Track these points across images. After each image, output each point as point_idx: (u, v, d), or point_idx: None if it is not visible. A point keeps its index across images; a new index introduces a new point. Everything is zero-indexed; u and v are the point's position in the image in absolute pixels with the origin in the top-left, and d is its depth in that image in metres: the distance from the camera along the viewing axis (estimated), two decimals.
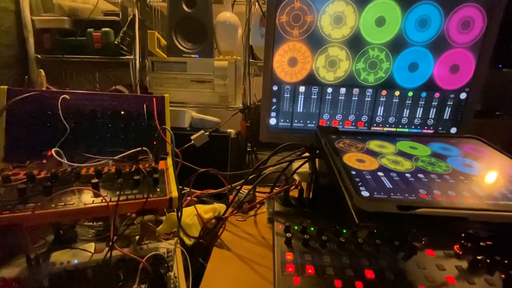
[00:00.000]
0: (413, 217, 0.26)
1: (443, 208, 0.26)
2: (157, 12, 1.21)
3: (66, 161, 0.54)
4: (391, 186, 0.30)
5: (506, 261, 0.38)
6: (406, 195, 0.29)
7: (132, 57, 1.02)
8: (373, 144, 0.41)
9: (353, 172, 0.32)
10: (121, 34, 0.97)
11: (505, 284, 0.35)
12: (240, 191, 0.65)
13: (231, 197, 0.63)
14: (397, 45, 0.55)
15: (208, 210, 0.64)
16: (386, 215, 0.26)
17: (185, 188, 0.71)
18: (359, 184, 0.30)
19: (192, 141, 0.87)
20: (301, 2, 0.53)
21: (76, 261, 0.49)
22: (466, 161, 0.36)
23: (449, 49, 0.55)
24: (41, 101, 0.57)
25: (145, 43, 0.98)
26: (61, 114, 0.56)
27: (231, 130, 0.97)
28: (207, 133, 0.88)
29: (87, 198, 0.47)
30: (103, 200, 0.47)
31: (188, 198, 0.69)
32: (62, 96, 0.57)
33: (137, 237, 0.59)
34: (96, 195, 0.48)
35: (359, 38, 0.55)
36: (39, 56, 1.14)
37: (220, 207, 0.65)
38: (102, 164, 0.58)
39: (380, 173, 0.33)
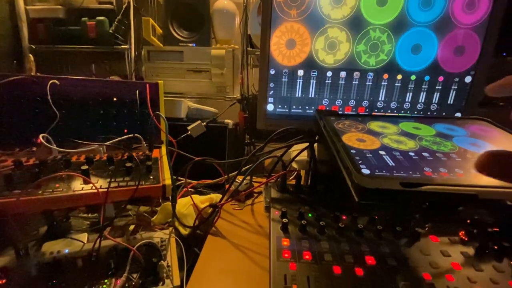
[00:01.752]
0: (418, 196, 0.24)
1: (450, 186, 0.24)
2: (153, 0, 1.18)
3: (55, 147, 0.53)
4: (394, 164, 0.28)
5: None
6: (410, 172, 0.27)
7: (127, 46, 1.00)
8: (374, 125, 0.39)
9: (353, 151, 0.30)
10: (115, 23, 0.94)
11: None
12: (238, 181, 0.63)
13: (227, 186, 0.61)
14: (399, 26, 0.52)
15: (205, 201, 0.62)
16: (389, 193, 0.24)
17: (181, 178, 0.69)
18: (360, 162, 0.28)
19: (189, 132, 0.85)
20: None
21: (67, 250, 0.48)
22: (474, 140, 0.34)
23: (454, 29, 0.52)
24: (30, 87, 0.55)
25: (141, 32, 0.96)
26: (50, 100, 0.54)
27: (229, 121, 0.95)
28: (204, 123, 0.86)
29: (77, 185, 0.46)
30: (93, 187, 0.45)
31: (184, 188, 0.67)
32: (51, 81, 0.55)
33: (131, 227, 0.58)
34: (86, 182, 0.46)
35: (359, 18, 0.52)
36: (33, 46, 1.12)
37: (216, 197, 0.63)
38: (93, 151, 0.56)
39: (382, 152, 0.31)
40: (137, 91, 0.61)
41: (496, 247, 0.35)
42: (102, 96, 0.60)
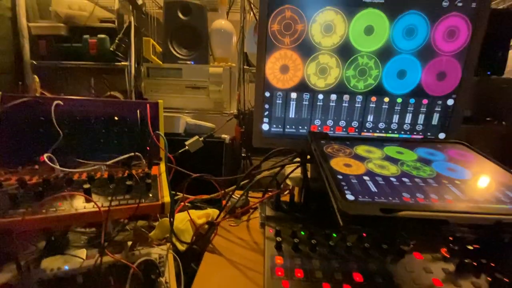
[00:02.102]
0: (396, 220, 0.27)
1: (424, 211, 0.27)
2: (153, 20, 1.22)
3: (58, 167, 0.55)
4: (376, 190, 0.31)
5: (492, 264, 0.39)
6: (390, 198, 0.29)
7: (127, 63, 1.03)
8: (361, 149, 0.42)
9: (340, 177, 0.33)
10: (116, 41, 0.98)
11: (492, 286, 0.35)
12: (234, 197, 0.65)
13: (224, 202, 0.63)
14: (385, 53, 0.56)
15: (202, 216, 0.64)
16: (370, 218, 0.27)
17: (178, 193, 0.71)
18: (345, 188, 0.31)
19: (187, 147, 0.87)
20: (292, 11, 0.55)
21: (67, 267, 0.49)
22: (450, 165, 0.37)
23: (436, 57, 0.56)
24: (35, 107, 0.57)
25: (141, 50, 1.00)
26: (54, 120, 0.57)
27: (226, 136, 0.98)
28: (202, 138, 0.89)
29: (79, 204, 0.47)
30: (95, 206, 0.47)
31: (182, 203, 0.69)
32: (56, 102, 0.58)
33: (130, 243, 0.59)
34: (88, 201, 0.48)
35: (348, 46, 0.56)
36: (34, 62, 1.15)
37: (213, 212, 0.65)
38: (94, 169, 0.58)
39: (366, 177, 0.34)
40: (138, 111, 0.63)
41: (475, 263, 0.38)
42: (104, 115, 0.63)
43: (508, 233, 0.43)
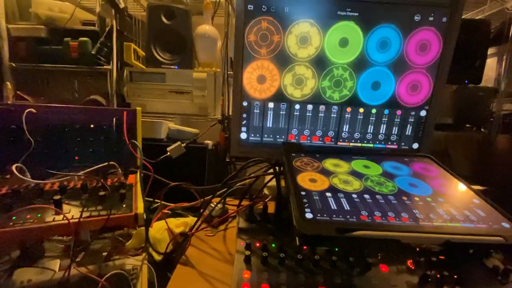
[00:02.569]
0: (352, 240, 0.28)
1: (378, 231, 0.28)
2: (138, 22, 1.21)
3: (28, 178, 0.53)
4: (336, 208, 0.31)
5: (455, 276, 0.40)
6: (348, 217, 0.30)
7: (109, 67, 1.02)
8: (329, 163, 0.43)
9: (303, 193, 0.33)
10: (98, 45, 0.96)
11: None
12: (214, 205, 0.65)
13: (202, 211, 0.63)
14: (360, 65, 0.57)
15: (180, 225, 0.64)
16: (327, 237, 0.27)
17: (157, 201, 0.71)
18: (306, 205, 0.31)
19: (168, 153, 0.86)
20: (268, 22, 0.55)
21: (36, 279, 0.48)
22: (413, 180, 0.38)
23: (409, 69, 0.58)
24: (5, 115, 0.56)
25: (123, 54, 0.98)
26: (25, 128, 0.55)
27: (209, 141, 0.97)
28: (184, 144, 0.88)
29: (48, 216, 0.47)
30: (64, 218, 0.46)
31: (160, 212, 0.68)
32: (28, 110, 0.56)
33: (105, 253, 0.58)
34: (57, 213, 0.47)
35: (324, 58, 0.57)
36: (13, 64, 1.12)
37: (191, 221, 0.64)
38: (68, 179, 0.57)
39: (328, 194, 0.34)
40: (114, 119, 0.62)
41: (438, 275, 0.39)
42: (80, 123, 0.62)
43: (472, 246, 0.45)
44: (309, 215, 0.29)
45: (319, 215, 0.30)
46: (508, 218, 0.31)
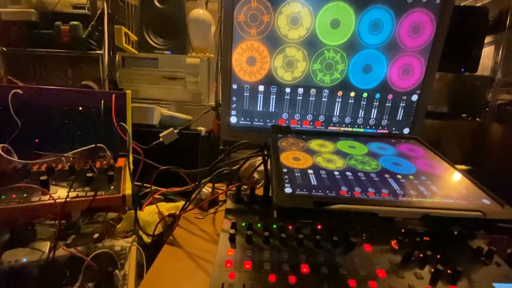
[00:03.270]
0: (329, 213, 0.28)
1: (355, 205, 0.27)
2: (131, 7, 1.18)
3: (15, 158, 0.53)
4: (316, 183, 0.31)
5: (438, 256, 0.40)
6: (327, 192, 0.30)
7: (101, 52, 1.00)
8: (314, 144, 0.43)
9: (284, 170, 0.33)
10: (89, 28, 0.95)
11: (433, 277, 0.36)
12: (205, 190, 0.65)
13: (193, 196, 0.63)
14: (351, 47, 0.56)
15: (171, 208, 0.64)
16: (304, 211, 0.27)
17: (147, 185, 0.71)
18: (286, 181, 0.31)
19: (161, 139, 0.86)
20: (258, 2, 0.54)
21: (25, 259, 0.48)
22: (397, 160, 0.38)
23: (401, 52, 0.57)
24: None
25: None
26: (11, 109, 0.55)
27: (202, 128, 0.97)
28: (176, 130, 0.88)
29: (35, 196, 0.47)
30: (50, 198, 0.46)
31: (151, 197, 0.68)
32: (13, 91, 0.56)
33: (96, 235, 0.59)
34: (44, 193, 0.47)
35: (315, 39, 0.56)
36: (4, 48, 1.10)
37: (182, 205, 0.64)
38: (55, 161, 0.57)
39: (310, 171, 0.34)
40: (102, 101, 0.62)
41: (421, 255, 0.39)
42: (67, 105, 0.61)
43: (456, 226, 0.45)
44: (288, 190, 0.29)
45: (298, 189, 0.30)
46: (489, 195, 0.31)
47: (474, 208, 0.29)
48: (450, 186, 0.34)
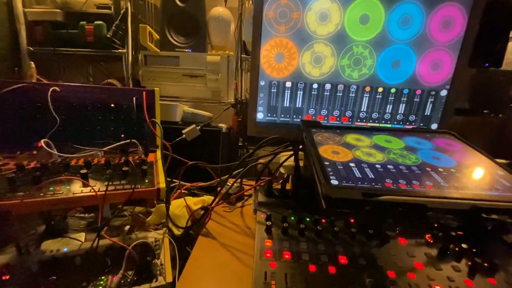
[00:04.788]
0: (377, 204, 0.28)
1: (404, 196, 0.28)
2: (150, 6, 1.21)
3: (56, 152, 0.56)
4: (360, 176, 0.32)
5: (474, 250, 0.40)
6: (373, 184, 0.30)
7: (124, 50, 1.03)
8: (350, 138, 0.43)
9: (326, 163, 0.34)
10: (113, 28, 0.97)
11: (471, 270, 0.37)
12: (229, 184, 0.66)
13: (219, 189, 0.65)
14: (380, 43, 0.56)
15: (197, 202, 0.66)
16: (353, 202, 0.28)
17: (175, 180, 0.73)
18: (330, 173, 0.32)
19: (184, 135, 0.88)
20: None
21: (65, 249, 0.51)
22: (436, 154, 0.38)
23: (431, 47, 0.56)
24: (31, 93, 0.58)
25: (138, 37, 0.99)
26: (50, 106, 0.57)
27: (223, 125, 0.98)
28: (199, 127, 0.90)
29: (76, 188, 0.49)
30: (92, 190, 0.48)
31: (178, 190, 0.70)
32: (52, 88, 0.58)
33: (127, 228, 0.61)
34: (85, 185, 0.49)
35: (343, 35, 0.56)
36: (31, 48, 1.14)
37: (208, 199, 0.66)
38: (91, 155, 0.59)
39: (352, 164, 0.35)
40: (134, 98, 0.64)
41: (457, 249, 0.39)
42: (101, 102, 0.63)
43: (490, 221, 0.45)
44: (334, 182, 0.30)
45: (344, 182, 0.30)
46: None
47: None
48: (493, 178, 0.34)
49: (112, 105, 0.64)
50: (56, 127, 0.58)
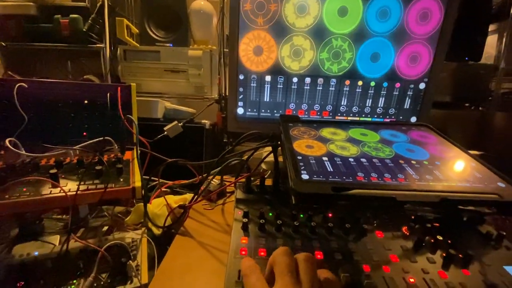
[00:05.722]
0: (347, 198, 0.28)
1: (373, 189, 0.28)
2: None
3: (23, 152, 0.53)
4: (332, 170, 0.31)
5: (449, 241, 0.40)
6: (344, 178, 0.30)
7: (102, 45, 0.99)
8: (326, 131, 0.43)
9: (299, 157, 0.33)
10: (89, 21, 0.93)
11: (445, 261, 0.37)
12: (213, 181, 0.65)
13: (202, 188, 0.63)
14: (359, 36, 0.56)
15: (179, 201, 0.64)
16: (322, 196, 0.27)
17: (154, 178, 0.71)
18: (302, 168, 0.31)
19: (166, 132, 0.86)
20: None
21: (36, 253, 0.48)
22: (410, 146, 0.38)
23: (409, 40, 0.56)
24: None
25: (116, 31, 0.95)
26: (17, 103, 0.54)
27: (206, 121, 0.96)
28: (181, 124, 0.88)
29: (45, 189, 0.46)
30: (61, 190, 0.46)
31: (159, 189, 0.69)
32: (18, 84, 0.55)
33: (105, 228, 0.59)
34: (54, 186, 0.47)
35: (322, 27, 0.55)
36: (3, 43, 1.08)
37: (190, 197, 0.65)
38: (63, 154, 0.57)
39: (325, 158, 0.34)
40: (108, 94, 0.61)
41: (432, 240, 0.39)
42: (73, 99, 0.61)
43: (467, 212, 0.45)
44: (305, 176, 0.29)
45: (315, 176, 0.30)
46: (504, 179, 0.32)
47: (491, 191, 0.29)
48: (465, 170, 0.34)
49: (86, 101, 0.62)
50: (24, 126, 0.55)
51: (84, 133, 0.59)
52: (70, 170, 0.52)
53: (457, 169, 0.34)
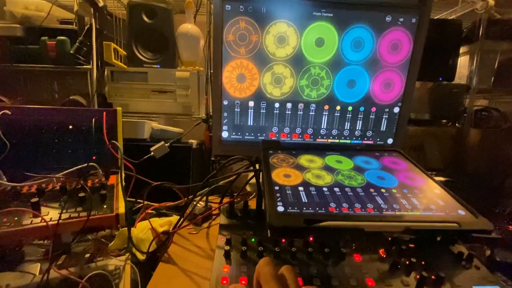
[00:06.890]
0: (320, 230, 0.29)
1: (344, 221, 0.29)
2: (119, 21, 1.19)
3: (4, 180, 0.53)
4: (306, 201, 0.33)
5: (423, 262, 0.42)
6: (317, 209, 0.32)
7: (89, 66, 1.00)
8: (304, 159, 0.45)
9: (276, 188, 0.35)
10: (77, 44, 0.95)
11: (419, 283, 0.39)
12: (199, 204, 0.66)
13: (188, 211, 0.64)
14: (335, 64, 0.59)
15: (164, 224, 0.64)
16: (296, 229, 0.29)
17: (140, 201, 0.71)
18: (279, 199, 0.32)
19: (152, 153, 0.86)
20: (246, 22, 0.56)
21: (16, 284, 0.47)
22: (381, 173, 0.41)
23: (382, 68, 0.60)
24: None
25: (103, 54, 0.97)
26: None
27: (193, 141, 0.98)
28: (168, 144, 0.88)
29: (26, 218, 0.46)
30: (43, 220, 0.46)
31: (144, 213, 0.68)
32: (1, 112, 0.55)
33: (88, 255, 0.58)
34: (35, 216, 0.46)
35: (301, 57, 0.58)
36: None
37: (175, 220, 0.65)
38: (46, 181, 0.57)
39: (300, 188, 0.36)
40: (93, 119, 0.62)
41: (407, 262, 0.41)
42: (57, 124, 0.61)
43: (439, 233, 0.48)
44: (280, 208, 0.31)
45: (290, 208, 0.31)
46: (464, 206, 0.34)
47: (451, 219, 0.32)
48: (429, 198, 0.36)
49: (70, 126, 0.62)
50: (6, 153, 0.55)
51: (54, 159, 0.59)
52: (52, 197, 0.52)
53: (422, 197, 0.36)
